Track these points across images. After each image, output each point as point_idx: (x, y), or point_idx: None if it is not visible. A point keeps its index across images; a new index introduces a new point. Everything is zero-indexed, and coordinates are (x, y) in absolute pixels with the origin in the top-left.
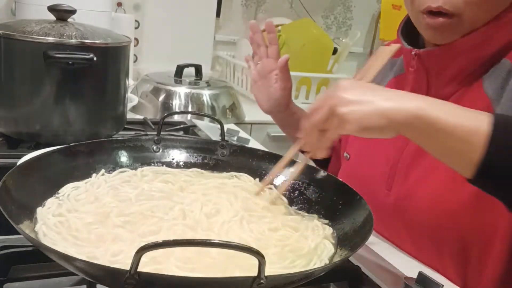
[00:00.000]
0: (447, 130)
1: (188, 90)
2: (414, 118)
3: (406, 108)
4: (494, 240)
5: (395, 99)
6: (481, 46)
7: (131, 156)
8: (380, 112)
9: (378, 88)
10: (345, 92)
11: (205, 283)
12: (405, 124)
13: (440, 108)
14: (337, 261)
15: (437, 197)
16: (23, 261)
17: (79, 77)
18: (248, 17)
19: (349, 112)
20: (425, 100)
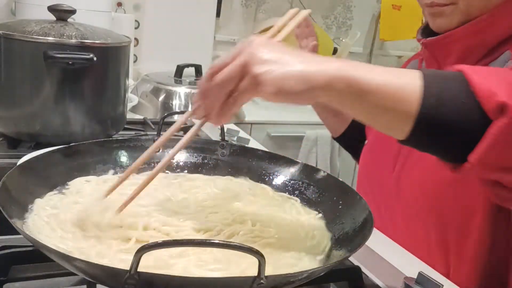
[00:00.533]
0: (372, 88)
1: (188, 90)
2: (336, 79)
3: (326, 70)
4: (471, 224)
5: (315, 62)
6: (479, 34)
7: (131, 156)
8: (299, 74)
9: (295, 50)
10: (261, 49)
11: (205, 283)
12: (326, 87)
13: (364, 69)
14: (337, 261)
15: (425, 178)
16: (23, 261)
17: (79, 77)
18: (248, 17)
19: (265, 72)
20: (347, 63)
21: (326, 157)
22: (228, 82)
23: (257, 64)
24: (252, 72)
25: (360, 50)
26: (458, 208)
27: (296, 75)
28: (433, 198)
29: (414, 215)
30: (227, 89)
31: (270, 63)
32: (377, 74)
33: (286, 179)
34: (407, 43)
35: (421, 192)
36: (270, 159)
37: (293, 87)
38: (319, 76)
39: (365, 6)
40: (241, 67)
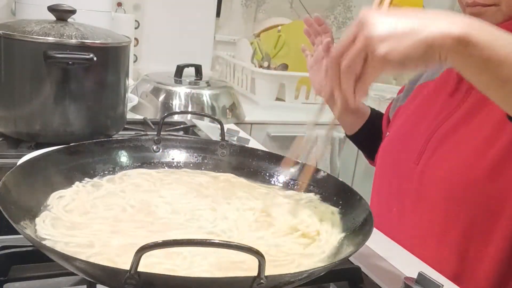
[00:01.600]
0: (499, 58)
1: (188, 90)
2: (461, 44)
3: (450, 32)
4: (496, 228)
5: (434, 23)
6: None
7: (131, 156)
8: (423, 42)
9: (409, 12)
10: (376, 26)
11: (205, 283)
12: (452, 51)
13: (490, 34)
14: (337, 261)
15: (454, 170)
16: (23, 261)
17: (79, 77)
18: (248, 17)
19: (389, 51)
20: (470, 24)
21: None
22: (354, 66)
23: (379, 44)
24: (377, 54)
25: None
26: (484, 210)
27: (421, 44)
28: (459, 197)
29: (435, 213)
30: (354, 72)
31: (391, 38)
32: (504, 42)
33: (286, 179)
34: None
35: (446, 190)
36: (270, 159)
37: (420, 55)
38: (444, 42)
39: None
40: (363, 50)
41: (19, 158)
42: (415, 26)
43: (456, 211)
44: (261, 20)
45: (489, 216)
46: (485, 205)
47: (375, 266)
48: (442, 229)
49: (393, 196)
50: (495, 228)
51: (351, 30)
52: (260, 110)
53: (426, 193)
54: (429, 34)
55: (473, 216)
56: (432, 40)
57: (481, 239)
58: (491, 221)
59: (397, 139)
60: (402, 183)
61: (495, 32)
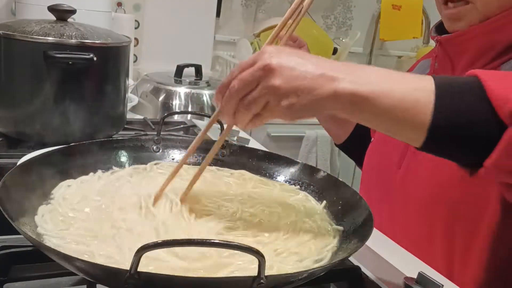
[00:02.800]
0: (386, 106)
1: (188, 90)
2: (348, 102)
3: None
4: (481, 223)
5: (328, 80)
6: (494, 33)
7: (131, 156)
8: (319, 100)
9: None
10: (279, 79)
11: (205, 283)
12: (341, 108)
13: (375, 81)
14: (337, 261)
15: (433, 171)
16: (23, 261)
17: (79, 77)
18: (248, 17)
19: (289, 106)
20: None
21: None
22: (255, 108)
23: (280, 99)
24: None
25: (360, 50)
26: (468, 207)
27: (316, 104)
28: (441, 197)
29: (421, 216)
30: (254, 113)
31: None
32: (390, 89)
33: (286, 179)
34: (407, 43)
35: (428, 193)
36: (270, 159)
37: (314, 111)
38: (335, 101)
39: (365, 6)
40: (265, 98)
41: (19, 158)
42: (313, 82)
43: (440, 213)
44: (261, 20)
45: (473, 215)
46: (468, 204)
47: (375, 266)
48: (430, 231)
49: (381, 200)
50: (480, 226)
51: (253, 73)
52: None
53: (410, 197)
54: (323, 93)
55: (457, 216)
56: (325, 99)
57: (467, 238)
58: (476, 219)
59: (379, 144)
60: (388, 187)
61: (382, 79)
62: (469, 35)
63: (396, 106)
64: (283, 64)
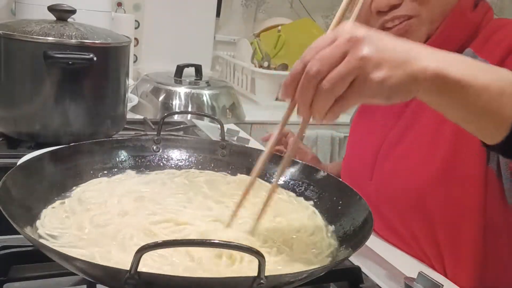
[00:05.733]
0: (476, 90)
1: (188, 90)
2: (437, 80)
3: (429, 68)
4: (463, 223)
5: (418, 56)
6: (446, 42)
7: (131, 156)
8: (413, 74)
9: (397, 41)
10: (370, 47)
11: (205, 283)
12: (428, 88)
13: (468, 67)
14: (337, 261)
15: (406, 180)
16: (23, 261)
17: (79, 77)
18: (248, 17)
19: (384, 79)
20: (450, 58)
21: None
22: (339, 89)
23: (373, 69)
24: (370, 79)
25: None
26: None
27: (409, 77)
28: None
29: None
30: (337, 95)
31: (385, 66)
32: (477, 76)
33: (286, 179)
34: None
35: (404, 196)
36: (270, 159)
37: (407, 88)
38: (424, 77)
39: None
40: (354, 72)
41: (19, 158)
42: (405, 56)
43: (418, 221)
44: (261, 20)
45: (453, 221)
46: (446, 211)
47: (375, 266)
48: (415, 241)
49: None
50: (463, 232)
51: (337, 46)
52: (260, 110)
53: (384, 206)
54: (415, 67)
55: (437, 222)
56: (417, 74)
57: (451, 244)
58: (456, 224)
59: (351, 157)
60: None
61: (469, 65)
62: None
63: (482, 93)
64: (370, 35)
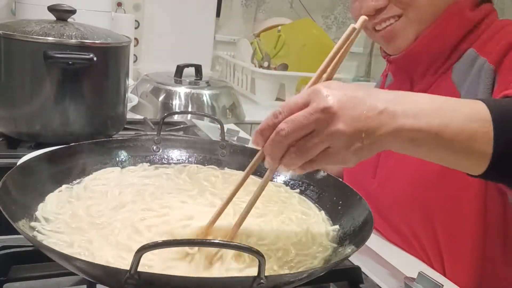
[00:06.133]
0: (446, 138)
1: (188, 90)
2: (404, 132)
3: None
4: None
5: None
6: (438, 40)
7: (131, 156)
8: (386, 138)
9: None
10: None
11: (205, 283)
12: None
13: (432, 115)
14: (337, 261)
15: (407, 178)
16: (23, 261)
17: (79, 77)
18: (248, 17)
19: (357, 150)
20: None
21: None
22: (309, 156)
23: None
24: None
25: (360, 50)
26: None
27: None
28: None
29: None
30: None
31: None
32: (448, 122)
33: (286, 179)
34: None
35: (404, 194)
36: None
37: (373, 154)
38: (394, 140)
39: None
40: (324, 145)
41: (19, 158)
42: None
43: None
44: (261, 20)
45: (452, 219)
46: (445, 209)
47: (375, 266)
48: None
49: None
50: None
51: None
52: (260, 110)
53: (385, 204)
54: (386, 131)
55: (437, 221)
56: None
57: (450, 241)
58: (456, 223)
59: None
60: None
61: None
62: (418, 48)
63: (454, 140)
64: (343, 104)
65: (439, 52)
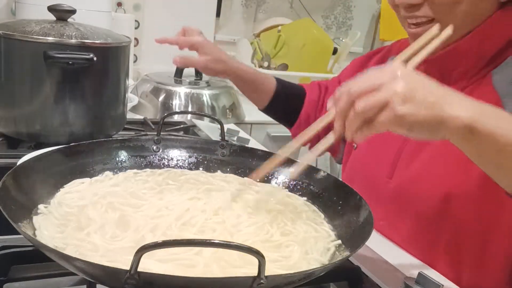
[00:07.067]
0: (505, 144)
1: (188, 90)
2: (469, 130)
3: (462, 119)
4: (493, 235)
5: (450, 102)
6: (483, 43)
7: (131, 156)
8: (438, 118)
9: (433, 85)
10: (405, 85)
11: (205, 283)
12: (458, 134)
13: (498, 118)
14: (337, 261)
15: (439, 184)
16: (23, 261)
17: (79, 77)
18: (248, 17)
19: (408, 114)
20: (484, 110)
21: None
22: (368, 112)
23: (402, 103)
24: (397, 111)
25: (360, 50)
26: (475, 224)
27: (434, 119)
28: (449, 204)
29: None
30: (366, 117)
31: (414, 103)
32: (508, 128)
33: (286, 179)
34: None
35: (433, 201)
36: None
37: (429, 130)
38: (453, 124)
39: (365, 6)
40: (385, 101)
41: (19, 158)
42: (435, 100)
43: (446, 227)
44: (261, 20)
45: (482, 232)
46: (475, 222)
47: (375, 266)
48: (433, 243)
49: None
50: (490, 243)
51: (379, 77)
52: None
53: (409, 208)
54: (445, 113)
55: (464, 232)
56: (445, 120)
57: (475, 253)
58: (484, 236)
59: (365, 153)
60: (378, 197)
61: (500, 118)
62: (458, 50)
63: (509, 145)
64: (412, 77)
65: (480, 57)
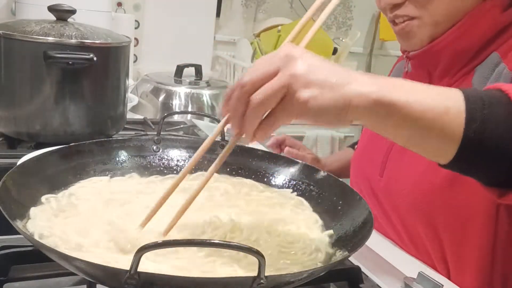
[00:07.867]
0: (416, 115)
1: (188, 90)
2: (377, 105)
3: (368, 94)
4: (469, 230)
5: (356, 83)
6: (462, 39)
7: (131, 156)
8: (343, 98)
9: (333, 65)
10: (303, 65)
11: (205, 283)
12: (367, 113)
13: (405, 91)
14: (337, 261)
15: (415, 180)
16: (23, 261)
17: (79, 77)
18: (248, 17)
19: (311, 98)
20: (388, 83)
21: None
22: (267, 104)
23: (302, 88)
24: (297, 96)
25: (360, 50)
26: (450, 217)
27: (339, 100)
28: (424, 199)
29: (404, 219)
30: (264, 111)
31: (315, 85)
32: (420, 97)
33: (286, 179)
34: None
35: (411, 197)
36: (270, 159)
37: (336, 112)
38: (360, 102)
39: (365, 6)
40: (284, 88)
41: (19, 158)
42: (338, 79)
43: (422, 221)
44: (261, 20)
45: (458, 224)
46: (450, 214)
47: (375, 266)
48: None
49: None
50: (468, 235)
51: (272, 62)
52: None
53: (394, 204)
54: (350, 92)
55: (440, 225)
56: (352, 99)
57: (456, 246)
58: (461, 229)
59: (362, 152)
60: (374, 195)
61: (410, 88)
62: (440, 46)
63: (425, 113)
64: (307, 55)
65: (462, 52)
